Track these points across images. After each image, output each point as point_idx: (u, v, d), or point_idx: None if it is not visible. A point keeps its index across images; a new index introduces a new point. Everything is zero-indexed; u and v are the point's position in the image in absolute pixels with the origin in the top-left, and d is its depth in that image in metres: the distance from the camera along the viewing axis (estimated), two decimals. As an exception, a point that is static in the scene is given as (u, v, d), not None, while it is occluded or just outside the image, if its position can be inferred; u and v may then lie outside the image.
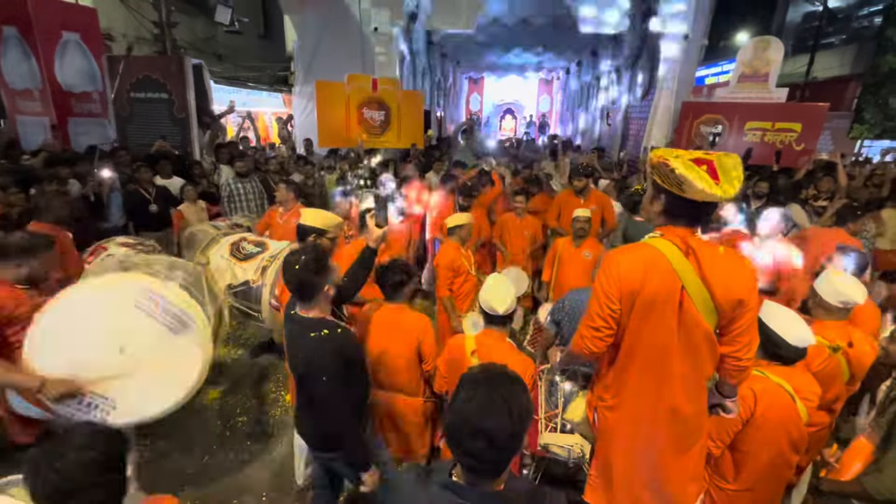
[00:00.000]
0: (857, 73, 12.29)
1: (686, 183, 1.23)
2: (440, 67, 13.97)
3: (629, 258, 1.40)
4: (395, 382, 2.44)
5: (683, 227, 1.35)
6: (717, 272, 1.32)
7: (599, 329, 1.43)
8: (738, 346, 1.40)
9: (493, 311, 2.00)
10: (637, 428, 1.52)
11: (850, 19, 14.77)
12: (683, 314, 1.35)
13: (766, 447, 1.90)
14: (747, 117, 6.48)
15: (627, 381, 1.48)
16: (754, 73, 6.54)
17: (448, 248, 3.58)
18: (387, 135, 7.34)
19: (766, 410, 1.85)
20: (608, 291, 1.39)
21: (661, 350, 1.40)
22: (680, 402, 1.46)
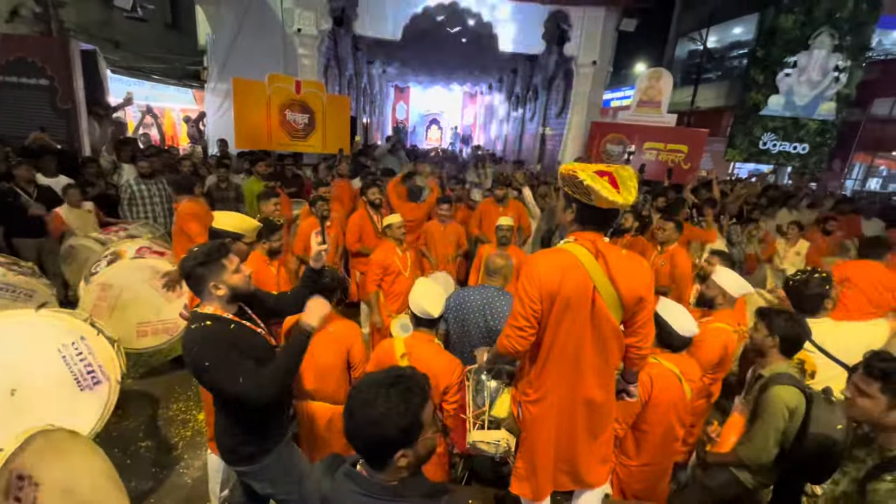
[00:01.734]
0: (730, 105, 14.35)
1: (594, 192, 1.40)
2: (366, 74, 13.90)
3: (548, 262, 1.54)
4: (322, 391, 2.39)
5: (593, 232, 1.52)
6: (622, 272, 1.50)
7: (523, 328, 1.54)
8: (640, 336, 1.60)
9: (426, 313, 2.05)
10: (557, 418, 1.65)
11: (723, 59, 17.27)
12: (595, 311, 1.52)
13: (660, 424, 2.16)
14: (645, 138, 7.33)
15: (548, 375, 1.61)
16: (650, 99, 7.42)
17: (382, 245, 3.64)
18: (311, 139, 7.13)
19: (660, 392, 2.11)
20: (530, 293, 1.51)
21: (577, 345, 1.56)
22: (593, 392, 1.62)
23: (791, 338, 2.11)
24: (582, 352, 1.55)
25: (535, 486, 1.72)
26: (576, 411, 1.63)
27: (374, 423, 0.98)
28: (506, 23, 7.47)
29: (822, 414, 2.01)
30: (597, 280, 1.48)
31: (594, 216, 1.50)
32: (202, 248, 1.61)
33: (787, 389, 2.03)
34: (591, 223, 1.52)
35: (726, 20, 15.82)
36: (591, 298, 1.50)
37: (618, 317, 1.53)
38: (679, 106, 16.15)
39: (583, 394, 1.60)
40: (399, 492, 1.03)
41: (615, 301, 1.50)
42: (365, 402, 1.00)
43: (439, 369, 1.95)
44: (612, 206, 1.42)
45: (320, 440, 2.45)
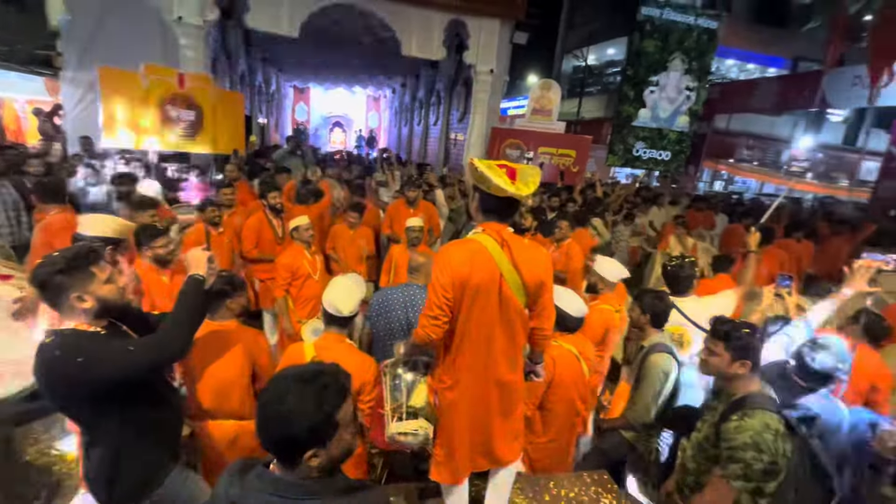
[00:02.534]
0: (609, 117, 16.15)
1: (488, 181, 1.51)
2: (261, 72, 13.07)
3: (458, 252, 1.61)
4: (225, 408, 2.21)
5: (497, 222, 1.63)
6: (525, 259, 1.63)
7: (437, 317, 1.60)
8: (543, 318, 1.75)
9: (338, 311, 2.01)
10: (472, 401, 1.73)
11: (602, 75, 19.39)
12: (503, 297, 1.63)
13: (564, 401, 2.38)
14: (539, 143, 7.97)
15: (461, 361, 1.68)
16: (542, 108, 8.10)
17: (290, 249, 3.48)
18: (199, 138, 6.50)
19: (562, 371, 2.32)
20: (443, 282, 1.57)
21: (487, 330, 1.65)
22: (504, 373, 1.73)
23: (657, 312, 2.45)
24: (492, 336, 1.65)
25: (454, 469, 1.78)
26: (489, 393, 1.72)
27: (282, 419, 0.94)
28: (407, 28, 7.57)
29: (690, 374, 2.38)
30: (503, 267, 1.59)
31: (494, 205, 1.61)
32: (64, 252, 1.39)
33: (661, 356, 2.35)
34: (493, 213, 1.63)
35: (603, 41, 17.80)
36: (498, 285, 1.60)
37: (522, 301, 1.66)
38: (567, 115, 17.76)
39: (494, 376, 1.70)
40: (312, 490, 0.99)
41: (519, 286, 1.62)
42: (276, 398, 0.95)
43: (352, 368, 1.88)
44: (505, 194, 1.54)
45: (224, 462, 2.26)
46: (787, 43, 16.14)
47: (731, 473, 1.65)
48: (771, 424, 1.63)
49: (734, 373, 1.73)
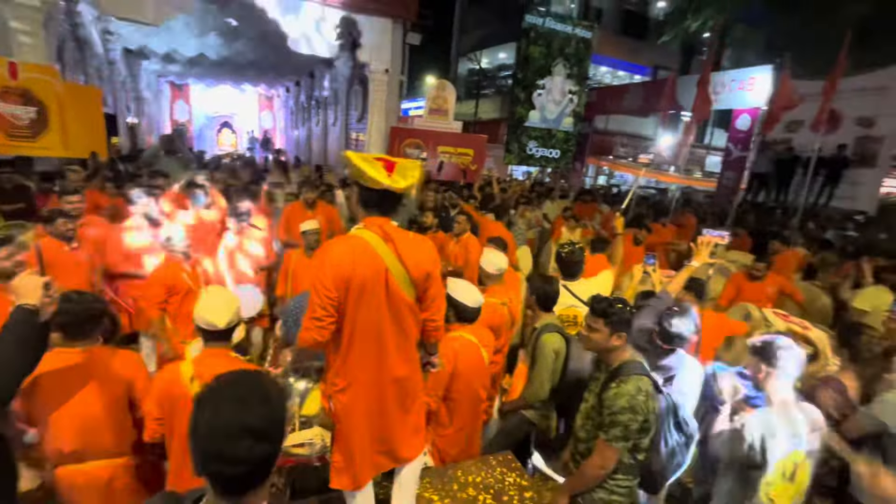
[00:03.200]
0: (504, 118, 17.04)
1: (362, 175, 1.49)
2: (126, 65, 11.51)
3: (339, 249, 1.56)
4: (95, 447, 1.90)
5: (379, 217, 1.61)
6: (410, 253, 1.62)
7: (321, 318, 1.52)
8: (433, 310, 1.76)
9: (212, 325, 1.82)
10: (367, 401, 1.68)
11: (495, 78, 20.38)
12: (390, 291, 1.60)
13: (467, 391, 2.43)
14: (438, 142, 8.13)
15: (353, 361, 1.63)
16: (438, 108, 8.27)
17: (164, 262, 3.10)
18: (44, 139, 5.50)
19: (464, 361, 2.37)
20: (325, 281, 1.50)
21: (377, 326, 1.61)
22: (398, 369, 1.70)
23: (542, 295, 2.63)
24: (383, 332, 1.62)
25: (354, 474, 1.72)
26: (384, 390, 1.69)
27: (261, 436, 0.81)
28: (294, 21, 7.20)
29: (576, 351, 2.58)
30: (388, 262, 1.57)
31: (373, 199, 1.59)
32: None
33: (551, 336, 2.53)
34: (374, 207, 1.60)
35: (494, 45, 18.73)
36: (384, 280, 1.57)
37: (410, 294, 1.65)
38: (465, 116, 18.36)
39: (389, 372, 1.67)
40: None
41: (406, 280, 1.61)
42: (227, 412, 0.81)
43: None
44: (380, 186, 1.52)
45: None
46: (648, 53, 18.46)
47: (613, 436, 1.82)
48: (642, 387, 1.83)
49: (613, 345, 1.91)
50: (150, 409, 1.88)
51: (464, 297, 2.43)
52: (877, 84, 9.63)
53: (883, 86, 9.56)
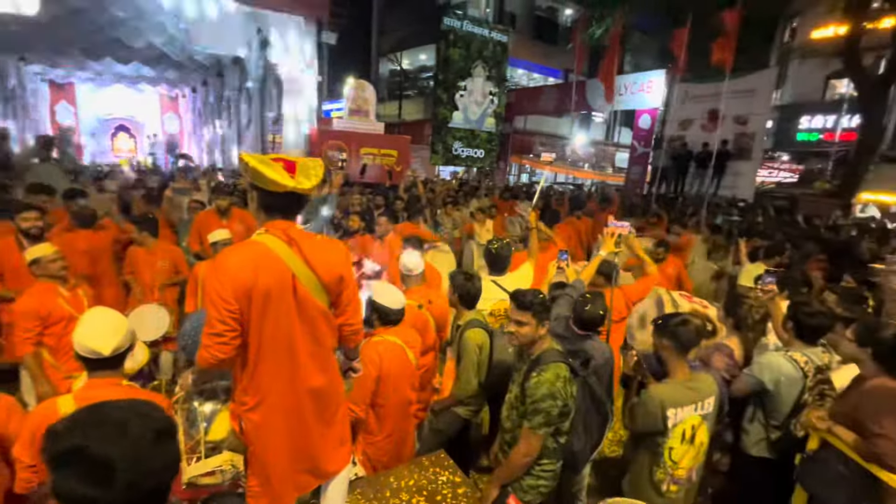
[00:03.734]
0: (428, 119, 17.15)
1: (261, 177, 1.39)
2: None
3: (238, 257, 1.44)
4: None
5: (282, 220, 1.51)
6: (319, 256, 1.54)
7: (222, 334, 1.40)
8: (349, 313, 1.69)
9: (96, 353, 1.60)
10: (284, 417, 1.57)
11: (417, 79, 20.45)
12: (299, 298, 1.51)
13: (395, 394, 2.38)
14: (361, 144, 7.96)
15: (262, 376, 1.51)
16: (358, 108, 8.10)
17: (35, 288, 2.65)
18: None
19: (390, 364, 2.32)
20: (223, 294, 1.38)
21: (287, 336, 1.51)
22: (315, 379, 1.61)
23: (464, 293, 2.66)
24: (294, 342, 1.53)
25: (274, 497, 1.60)
26: (301, 404, 1.59)
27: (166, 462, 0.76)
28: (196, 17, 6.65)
29: (500, 343, 2.64)
30: (295, 268, 1.48)
31: (275, 202, 1.49)
32: None
33: (474, 331, 2.56)
34: (276, 210, 1.51)
35: (414, 47, 18.77)
36: (291, 286, 1.48)
37: (323, 300, 1.57)
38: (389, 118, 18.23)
39: (304, 384, 1.58)
40: None
41: (317, 285, 1.53)
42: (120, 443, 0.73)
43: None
44: (283, 188, 1.43)
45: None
46: (560, 57, 19.57)
47: (536, 424, 1.88)
48: (560, 374, 1.91)
49: (540, 335, 1.97)
50: (21, 454, 1.61)
51: (386, 300, 2.39)
52: (747, 87, 11.04)
53: (752, 88, 10.98)
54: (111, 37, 8.31)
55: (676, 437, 1.99)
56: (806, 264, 4.63)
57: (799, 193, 13.09)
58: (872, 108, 11.22)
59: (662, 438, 1.99)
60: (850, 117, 14.62)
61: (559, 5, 20.58)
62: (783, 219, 8.52)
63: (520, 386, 2.01)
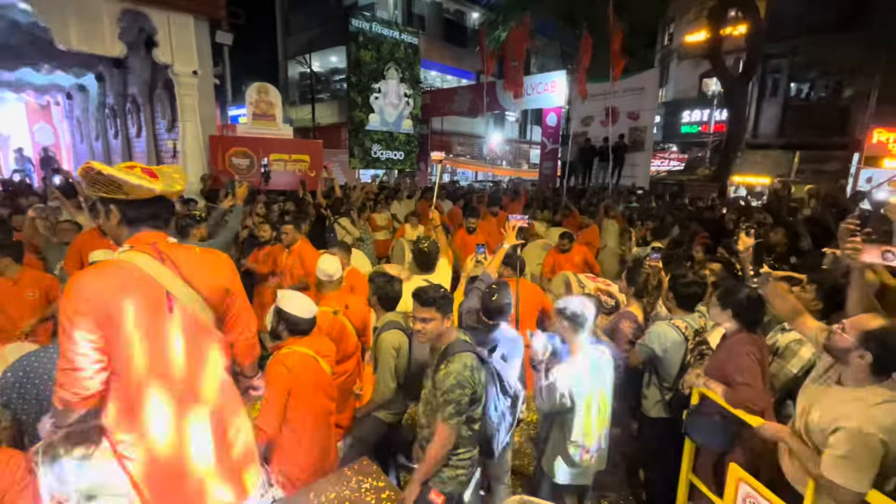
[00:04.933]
0: (344, 122, 16.74)
1: (125, 184, 1.26)
2: None
3: (97, 279, 1.28)
4: None
5: (150, 232, 1.38)
6: (197, 270, 1.42)
7: (84, 369, 1.23)
8: (241, 327, 1.58)
9: None
10: (172, 448, 1.43)
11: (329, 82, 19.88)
12: (177, 318, 1.38)
13: (311, 407, 2.28)
14: (269, 150, 7.55)
15: (141, 408, 1.36)
16: (263, 113, 7.68)
17: None
18: None
19: (301, 377, 2.22)
20: (81, 323, 1.22)
21: (166, 362, 1.38)
22: (206, 404, 1.49)
23: (383, 294, 2.64)
24: (175, 367, 1.39)
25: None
26: (187, 433, 1.46)
27: None
28: (59, 14, 5.85)
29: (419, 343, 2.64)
30: (168, 284, 1.35)
31: (140, 213, 1.36)
32: None
33: (390, 333, 2.54)
34: (142, 222, 1.37)
35: (324, 49, 18.21)
36: (167, 306, 1.35)
37: (207, 317, 1.46)
38: (302, 122, 17.56)
39: (193, 408, 1.45)
40: None
41: (197, 301, 1.42)
42: None
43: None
44: (151, 194, 1.31)
45: None
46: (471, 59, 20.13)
47: (448, 415, 1.90)
48: (468, 363, 1.95)
49: (445, 329, 1.99)
50: None
51: (294, 309, 2.28)
52: (637, 85, 12.19)
53: (641, 86, 12.14)
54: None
55: (585, 410, 2.13)
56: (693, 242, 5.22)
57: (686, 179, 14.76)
58: (736, 103, 12.96)
59: (571, 415, 2.13)
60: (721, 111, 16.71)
61: (466, 9, 21.16)
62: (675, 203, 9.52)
63: (431, 379, 2.03)
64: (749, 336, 2.14)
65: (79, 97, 12.61)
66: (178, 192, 1.39)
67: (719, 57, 12.59)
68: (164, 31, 6.68)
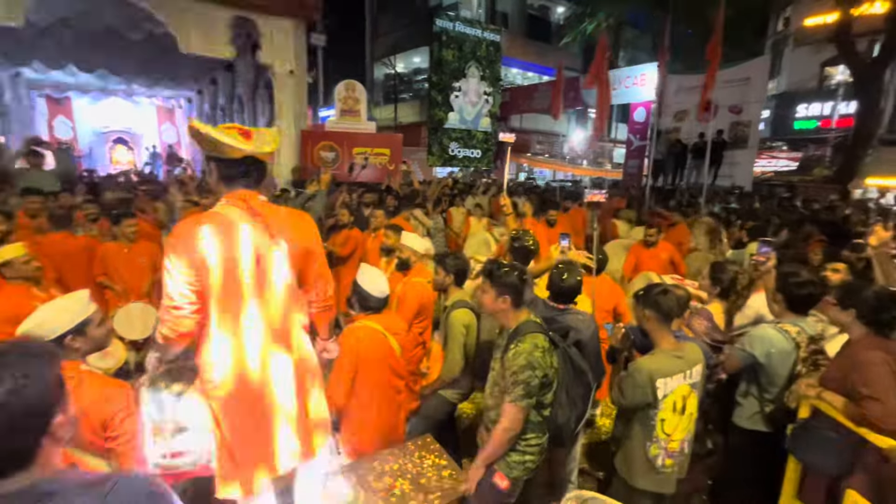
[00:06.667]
0: (424, 121, 17.17)
1: (219, 143, 1.36)
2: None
3: (196, 227, 1.41)
4: None
5: (243, 190, 1.48)
6: (283, 227, 1.51)
7: (181, 307, 1.37)
8: (319, 289, 1.65)
9: None
10: (249, 395, 1.52)
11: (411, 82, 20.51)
12: (261, 272, 1.47)
13: (378, 382, 2.31)
14: (353, 144, 7.96)
15: (225, 353, 1.47)
16: (349, 109, 8.11)
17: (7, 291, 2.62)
18: None
19: (368, 351, 2.27)
20: (179, 264, 1.35)
21: (252, 308, 1.47)
22: (283, 358, 1.56)
23: (457, 270, 2.63)
24: (258, 318, 1.49)
25: (245, 479, 1.55)
26: (269, 383, 1.55)
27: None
28: (182, 22, 6.68)
29: (487, 324, 2.60)
30: (256, 240, 1.45)
31: (234, 171, 1.46)
32: None
33: (461, 312, 2.52)
34: (236, 179, 1.47)
35: (408, 50, 18.84)
36: (253, 258, 1.45)
37: (290, 272, 1.53)
38: (385, 122, 18.28)
39: (272, 360, 1.54)
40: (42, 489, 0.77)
41: (282, 256, 1.50)
42: None
43: (89, 400, 1.51)
44: (241, 153, 1.41)
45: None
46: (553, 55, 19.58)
47: (516, 396, 1.83)
48: (539, 343, 1.86)
49: (499, 308, 1.93)
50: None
51: (368, 286, 2.34)
52: (741, 76, 10.99)
53: (746, 77, 10.93)
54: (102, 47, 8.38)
55: (667, 408, 1.94)
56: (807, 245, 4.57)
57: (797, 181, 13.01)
58: (868, 93, 11.16)
59: (653, 411, 1.94)
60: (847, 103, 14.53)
61: (551, 4, 20.62)
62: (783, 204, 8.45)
63: (500, 361, 1.97)
64: (879, 341, 1.80)
65: (197, 100, 14.31)
66: (269, 154, 1.48)
67: (849, 40, 10.92)
68: (267, 34, 7.33)
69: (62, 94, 14.08)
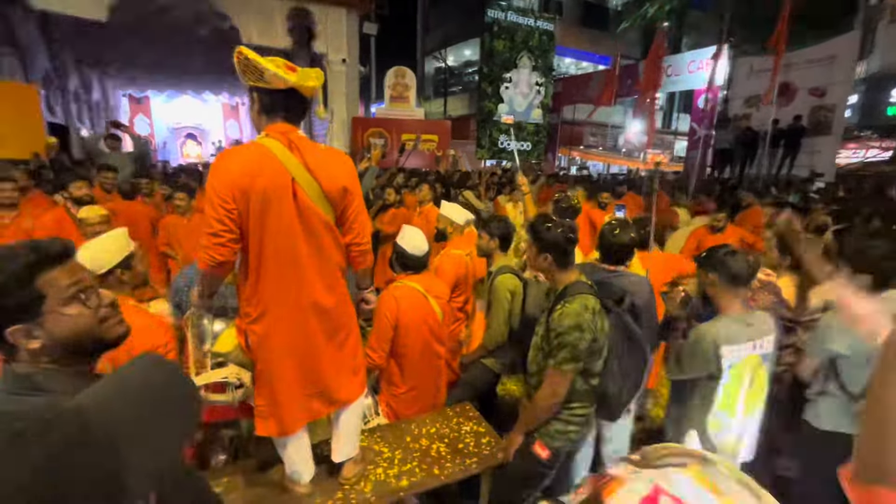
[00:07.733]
0: (473, 113, 17.08)
1: (266, 72, 1.35)
2: (78, 74, 11.08)
3: (237, 158, 1.41)
4: None
5: (283, 124, 1.46)
6: (321, 164, 1.48)
7: (220, 234, 1.37)
8: (356, 231, 1.60)
9: None
10: (288, 332, 1.51)
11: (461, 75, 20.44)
12: (300, 205, 1.45)
13: (416, 343, 2.26)
14: (402, 130, 8.05)
15: (265, 285, 1.47)
16: (399, 95, 8.20)
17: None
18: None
19: (408, 310, 2.22)
20: (220, 192, 1.36)
21: (289, 244, 1.46)
22: (321, 296, 1.54)
23: (504, 235, 2.53)
24: (297, 252, 1.47)
25: (282, 419, 1.55)
26: (307, 321, 1.53)
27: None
28: (244, 14, 7.03)
29: (533, 291, 2.47)
30: (294, 172, 1.42)
31: (277, 102, 1.44)
32: None
33: (506, 277, 2.41)
34: (278, 112, 1.46)
35: (459, 42, 18.79)
36: (291, 191, 1.42)
37: (327, 211, 1.50)
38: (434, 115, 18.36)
39: (309, 298, 1.51)
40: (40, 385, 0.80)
41: (319, 194, 1.47)
42: None
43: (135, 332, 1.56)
44: (286, 84, 1.39)
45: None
46: (608, 43, 18.78)
47: (561, 359, 1.70)
48: (588, 304, 1.72)
49: (543, 266, 1.80)
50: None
51: (407, 244, 2.29)
52: (825, 55, 9.92)
53: (831, 55, 9.84)
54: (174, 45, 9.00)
55: (734, 379, 1.73)
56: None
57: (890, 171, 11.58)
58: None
59: (716, 382, 1.74)
60: (956, 85, 12.74)
61: (609, -11, 19.80)
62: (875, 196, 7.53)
63: (545, 324, 1.83)
64: None
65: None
66: (311, 89, 1.45)
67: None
68: (322, 24, 7.54)
69: (142, 92, 15.34)
